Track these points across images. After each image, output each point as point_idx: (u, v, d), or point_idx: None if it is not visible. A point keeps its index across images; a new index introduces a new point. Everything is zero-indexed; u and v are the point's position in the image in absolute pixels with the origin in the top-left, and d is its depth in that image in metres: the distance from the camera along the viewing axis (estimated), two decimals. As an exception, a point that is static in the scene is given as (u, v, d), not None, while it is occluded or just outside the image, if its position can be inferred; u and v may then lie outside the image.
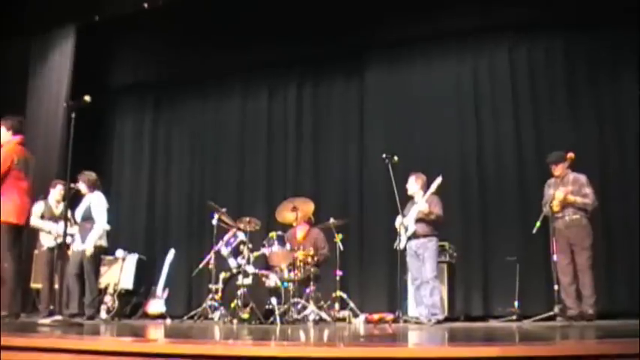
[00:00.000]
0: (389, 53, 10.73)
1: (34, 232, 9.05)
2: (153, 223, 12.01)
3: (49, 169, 10.62)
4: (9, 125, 6.97)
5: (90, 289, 8.01)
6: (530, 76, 9.77)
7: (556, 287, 7.33)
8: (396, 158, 8.09)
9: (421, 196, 8.01)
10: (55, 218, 8.80)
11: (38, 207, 8.79)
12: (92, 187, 8.31)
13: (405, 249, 8.10)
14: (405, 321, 7.90)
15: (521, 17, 9.63)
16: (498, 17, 9.76)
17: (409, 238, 8.00)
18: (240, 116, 11.80)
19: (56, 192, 8.95)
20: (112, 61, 12.42)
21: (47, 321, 5.61)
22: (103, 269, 9.42)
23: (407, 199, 8.23)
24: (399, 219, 8.11)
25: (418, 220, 7.95)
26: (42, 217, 8.81)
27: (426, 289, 7.80)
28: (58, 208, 8.91)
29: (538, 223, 7.49)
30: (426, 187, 8.03)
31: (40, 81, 11.60)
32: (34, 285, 9.76)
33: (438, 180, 7.86)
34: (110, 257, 9.89)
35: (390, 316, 7.94)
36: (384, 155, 8.10)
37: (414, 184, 8.17)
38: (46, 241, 8.80)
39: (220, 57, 11.25)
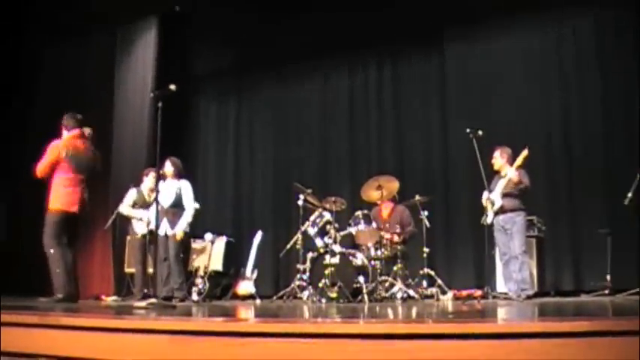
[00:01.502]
0: (469, 27, 10.51)
1: (127, 220, 9.35)
2: (240, 206, 12.20)
3: (137, 158, 10.94)
4: (64, 123, 7.36)
5: (179, 272, 8.20)
6: (616, 45, 9.39)
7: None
8: (480, 132, 7.96)
9: (507, 169, 7.89)
10: (147, 205, 8.99)
11: (130, 195, 9.07)
12: (179, 173, 8.48)
13: (492, 224, 8.00)
14: (494, 297, 7.81)
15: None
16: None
17: (496, 213, 7.90)
18: (322, 96, 11.83)
19: (149, 180, 9.11)
20: (194, 49, 12.64)
21: (142, 304, 5.78)
22: (192, 253, 9.64)
23: (492, 174, 8.11)
24: (485, 194, 8.00)
25: (505, 195, 7.84)
26: (134, 205, 9.06)
27: (515, 265, 7.70)
28: (151, 196, 8.99)
29: (630, 194, 7.27)
30: (511, 160, 7.90)
31: (125, 72, 11.90)
32: (128, 270, 10.11)
33: (525, 152, 7.71)
34: (199, 241, 10.11)
35: (478, 293, 7.88)
36: (467, 130, 7.98)
37: (499, 158, 8.05)
38: (139, 228, 9.04)
39: (299, 38, 11.27)
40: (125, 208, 9.04)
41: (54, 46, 12.41)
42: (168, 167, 8.40)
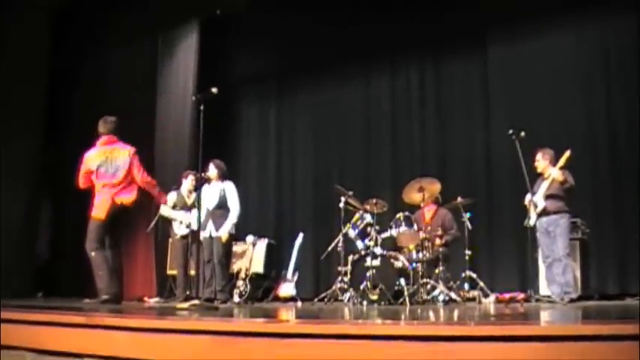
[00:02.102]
0: (511, 27, 10.41)
1: (168, 222, 9.48)
2: (281, 208, 12.26)
3: (180, 161, 11.07)
4: (98, 130, 7.60)
5: (223, 274, 8.27)
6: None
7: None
8: (522, 134, 7.88)
9: (550, 170, 7.80)
10: (187, 207, 9.17)
11: (170, 197, 9.20)
12: (222, 175, 8.54)
13: (535, 226, 7.92)
14: (537, 300, 7.73)
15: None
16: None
17: (539, 215, 7.82)
18: (363, 98, 11.82)
19: (188, 182, 9.36)
20: (235, 53, 12.72)
21: (185, 305, 5.84)
22: (234, 255, 9.71)
23: (535, 176, 8.03)
24: (528, 196, 7.93)
25: (548, 197, 7.75)
26: (174, 207, 9.19)
27: (558, 267, 7.61)
28: (190, 198, 9.27)
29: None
30: (554, 161, 7.81)
31: (167, 76, 12.04)
32: (170, 272, 10.22)
33: (567, 153, 7.62)
34: (241, 243, 10.17)
35: (521, 296, 7.80)
36: (510, 131, 7.90)
37: (541, 160, 7.96)
38: (179, 230, 9.23)
39: (340, 41, 11.28)
40: (166, 209, 9.16)
41: (97, 54, 12.64)
42: (212, 170, 8.46)
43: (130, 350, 3.30)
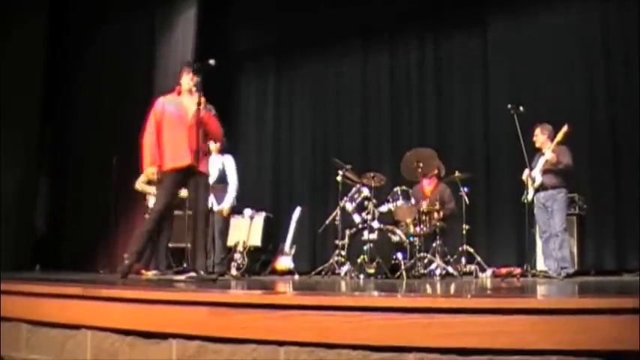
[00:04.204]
0: (511, 2, 10.37)
1: (143, 196, 9.60)
2: (279, 182, 12.26)
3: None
4: None
5: (222, 247, 8.31)
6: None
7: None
8: (521, 108, 7.85)
9: (548, 147, 7.79)
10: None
11: (147, 172, 9.28)
12: (223, 149, 8.53)
13: (532, 201, 7.93)
14: (534, 275, 7.76)
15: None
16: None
17: (537, 190, 7.82)
18: (362, 73, 11.77)
19: None
20: (234, 26, 12.65)
21: (182, 277, 5.85)
22: (231, 228, 9.72)
23: (534, 151, 8.02)
24: (526, 171, 7.93)
25: (545, 172, 7.75)
26: (149, 182, 9.30)
27: (555, 242, 7.62)
28: None
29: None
30: (553, 136, 7.80)
31: (165, 48, 11.98)
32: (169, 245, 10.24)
33: (564, 128, 7.60)
34: (238, 216, 10.18)
35: (517, 270, 7.82)
36: (509, 106, 7.88)
37: (540, 135, 7.95)
38: (153, 203, 9.32)
39: (339, 14, 11.21)
40: (139, 184, 9.33)
41: (94, 29, 12.58)
42: (212, 143, 8.46)
43: (127, 321, 3.31)
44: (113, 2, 12.07)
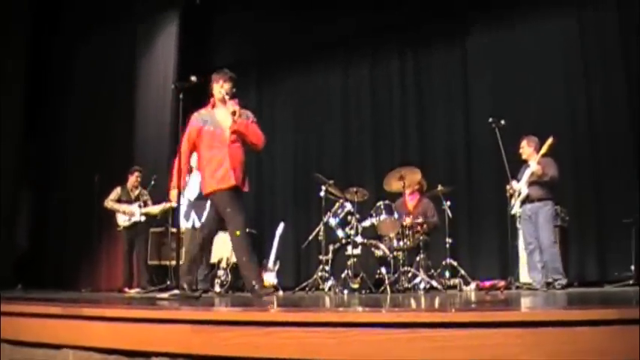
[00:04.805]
0: (491, 14, 10.44)
1: (113, 214, 9.92)
2: (261, 197, 12.24)
3: (160, 150, 11.05)
4: None
5: (204, 264, 8.27)
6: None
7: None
8: (502, 122, 7.91)
9: (534, 159, 7.84)
10: (131, 201, 9.80)
11: (115, 192, 9.87)
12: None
13: (516, 214, 7.97)
14: (517, 287, 7.78)
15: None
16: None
17: (523, 202, 7.86)
18: (343, 86, 11.82)
19: (133, 178, 9.94)
20: (215, 41, 12.68)
21: (165, 295, 5.81)
22: (215, 244, 9.68)
23: (520, 164, 8.06)
24: (512, 183, 7.97)
25: (531, 184, 7.79)
26: (119, 200, 9.83)
27: (539, 255, 7.65)
28: (134, 192, 9.91)
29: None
30: (539, 148, 7.84)
31: (147, 64, 12.00)
32: (150, 262, 10.20)
33: (549, 141, 7.65)
34: (222, 233, 10.13)
35: (501, 283, 7.84)
36: (490, 119, 7.94)
37: (526, 147, 8.00)
38: (122, 220, 9.82)
39: (320, 28, 11.26)
40: (108, 202, 9.84)
41: (76, 44, 12.58)
42: (196, 159, 8.45)
43: (110, 340, 3.28)
44: (96, 19, 12.07)
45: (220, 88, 5.93)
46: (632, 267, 8.08)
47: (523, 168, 8.02)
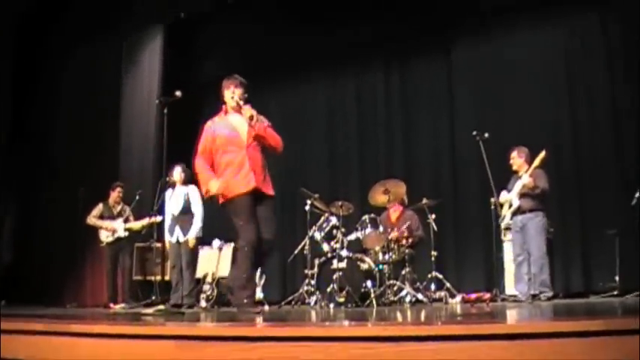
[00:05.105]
0: (475, 27, 10.52)
1: (95, 230, 9.91)
2: (247, 212, 12.19)
3: (145, 165, 11.03)
4: None
5: (189, 279, 8.26)
6: (623, 40, 9.31)
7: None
8: (486, 135, 7.95)
9: (525, 170, 7.87)
10: (114, 217, 9.79)
11: (97, 208, 9.87)
12: (186, 180, 8.52)
13: (501, 225, 8.01)
14: (503, 299, 7.79)
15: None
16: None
17: (514, 214, 7.89)
18: (328, 101, 11.83)
19: (115, 194, 9.93)
20: (200, 56, 12.68)
21: (150, 310, 5.77)
22: (200, 259, 9.67)
23: (506, 175, 8.10)
24: (503, 193, 8.02)
25: (522, 195, 7.82)
26: (101, 216, 9.82)
27: (530, 266, 7.68)
28: (117, 208, 9.89)
29: (638, 194, 7.23)
30: (530, 159, 7.88)
31: (132, 80, 11.98)
32: (135, 277, 10.16)
33: (542, 154, 7.72)
34: (207, 247, 10.12)
35: (487, 295, 7.84)
36: (474, 132, 7.97)
37: (517, 158, 8.04)
38: (104, 236, 9.81)
39: (305, 44, 11.29)
40: (90, 219, 9.82)
41: (61, 59, 12.55)
42: (179, 173, 8.46)
43: (95, 357, 3.25)
44: (82, 33, 12.03)
45: (232, 94, 5.87)
46: (617, 277, 8.11)
47: (513, 179, 8.06)
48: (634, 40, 9.15)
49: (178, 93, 6.03)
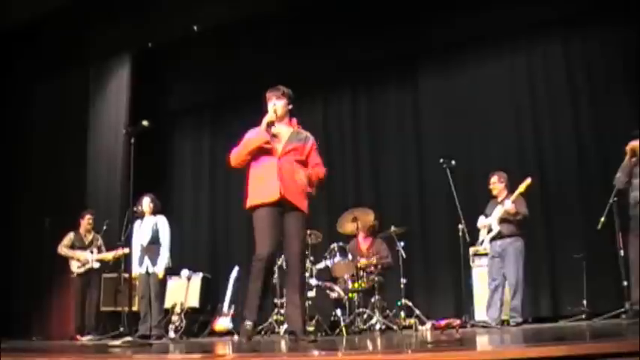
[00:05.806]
0: (441, 56, 10.64)
1: (65, 260, 9.77)
2: (215, 241, 12.15)
3: (112, 195, 10.95)
4: None
5: (158, 310, 8.18)
6: (585, 69, 9.52)
7: (625, 283, 7.16)
8: (453, 162, 8.03)
9: (505, 195, 7.94)
10: (85, 247, 9.69)
11: (68, 237, 9.73)
12: (155, 209, 8.48)
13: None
14: (472, 325, 7.82)
15: (572, 10, 9.47)
16: (549, 12, 9.60)
17: (493, 239, 7.94)
18: (296, 128, 11.84)
19: (85, 222, 9.83)
20: (168, 84, 12.66)
21: (117, 342, 5.71)
22: (168, 289, 9.59)
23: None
24: (481, 219, 8.07)
25: (502, 221, 7.88)
26: (72, 246, 9.68)
27: (504, 292, 7.73)
28: (88, 237, 9.79)
29: (603, 219, 7.32)
30: (509, 184, 7.97)
31: (99, 109, 11.93)
32: (103, 308, 10.04)
33: (527, 180, 7.86)
34: (176, 277, 10.05)
35: (456, 322, 7.86)
36: (441, 160, 8.05)
37: (497, 183, 8.12)
38: (75, 267, 9.68)
39: (271, 71, 11.30)
40: (62, 249, 9.68)
41: (26, 87, 12.46)
42: (148, 204, 8.40)
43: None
44: (48, 62, 11.96)
45: (273, 105, 5.91)
46: (584, 302, 8.17)
47: (492, 204, 8.13)
48: (596, 64, 9.37)
49: (146, 122, 6.01)
